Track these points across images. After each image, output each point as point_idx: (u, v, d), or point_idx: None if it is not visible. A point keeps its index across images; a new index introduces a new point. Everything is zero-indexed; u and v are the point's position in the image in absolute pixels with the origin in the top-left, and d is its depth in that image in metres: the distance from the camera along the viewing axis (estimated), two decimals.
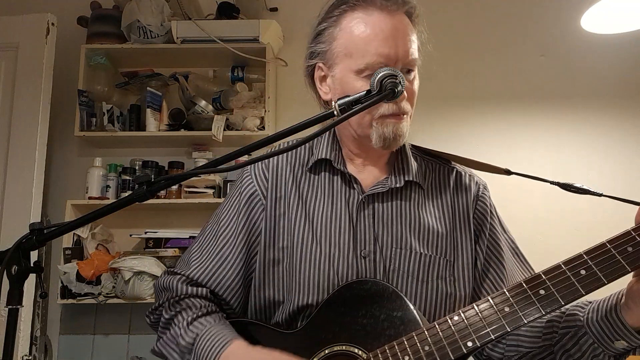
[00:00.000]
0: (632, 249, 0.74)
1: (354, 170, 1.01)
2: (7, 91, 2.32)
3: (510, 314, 0.77)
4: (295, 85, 2.62)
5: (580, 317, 0.84)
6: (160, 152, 2.57)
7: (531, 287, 0.78)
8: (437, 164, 1.06)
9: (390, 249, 0.94)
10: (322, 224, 0.97)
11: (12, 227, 2.17)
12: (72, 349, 2.44)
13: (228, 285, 0.98)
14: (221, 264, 0.99)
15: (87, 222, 0.98)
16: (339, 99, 0.81)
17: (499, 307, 0.78)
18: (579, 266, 0.76)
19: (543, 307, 0.76)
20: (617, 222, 2.89)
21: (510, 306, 0.77)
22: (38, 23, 2.32)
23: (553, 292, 0.76)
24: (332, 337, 0.88)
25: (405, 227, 0.96)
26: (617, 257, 0.74)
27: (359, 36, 0.92)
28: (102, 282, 2.27)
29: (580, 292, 0.75)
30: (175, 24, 2.41)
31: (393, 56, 0.90)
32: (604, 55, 2.55)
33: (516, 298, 0.78)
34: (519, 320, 0.76)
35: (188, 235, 2.34)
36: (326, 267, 0.94)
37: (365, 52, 0.90)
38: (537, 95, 2.58)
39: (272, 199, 1.00)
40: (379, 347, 0.83)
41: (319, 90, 1.02)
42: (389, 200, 0.98)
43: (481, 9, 2.67)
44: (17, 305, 0.79)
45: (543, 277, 0.78)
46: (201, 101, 2.43)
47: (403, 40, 0.91)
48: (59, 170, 2.59)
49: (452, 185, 1.03)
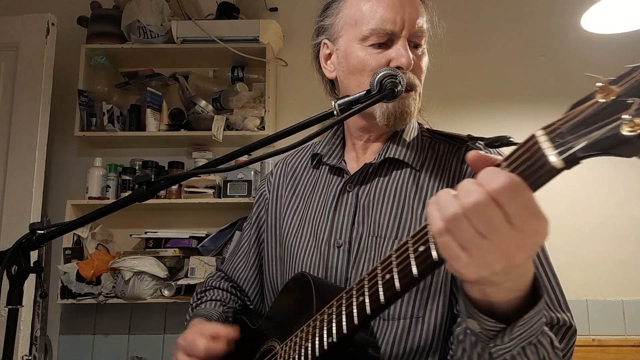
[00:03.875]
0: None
1: (354, 158, 0.99)
2: (7, 91, 2.31)
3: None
4: (295, 85, 2.62)
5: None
6: (160, 152, 2.58)
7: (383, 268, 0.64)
8: (448, 145, 0.96)
9: (367, 237, 0.89)
10: (307, 217, 0.98)
11: (12, 227, 2.17)
12: (72, 349, 2.44)
13: (246, 277, 1.09)
14: (241, 259, 1.11)
15: (87, 222, 0.98)
16: (339, 98, 0.80)
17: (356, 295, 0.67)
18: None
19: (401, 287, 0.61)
20: (617, 222, 2.90)
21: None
22: (38, 23, 2.32)
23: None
24: (270, 332, 0.91)
25: (387, 212, 0.89)
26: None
27: (365, 3, 0.90)
28: (102, 282, 2.27)
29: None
30: (175, 24, 2.41)
31: (399, 21, 0.87)
32: (604, 55, 2.55)
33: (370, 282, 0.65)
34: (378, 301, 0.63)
35: (188, 235, 2.34)
36: (301, 259, 0.94)
37: (371, 18, 0.88)
38: (537, 95, 2.58)
39: (274, 197, 1.07)
40: (288, 339, 0.81)
41: (324, 69, 1.00)
42: (372, 182, 0.93)
43: (481, 9, 2.67)
44: (17, 305, 0.79)
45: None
46: (201, 101, 2.44)
47: (410, 7, 0.88)
48: (59, 170, 2.59)
49: (456, 165, 0.92)
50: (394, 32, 0.87)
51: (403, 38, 0.88)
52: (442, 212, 0.51)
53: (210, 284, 1.13)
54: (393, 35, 0.88)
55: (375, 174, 0.94)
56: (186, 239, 2.33)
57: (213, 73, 2.63)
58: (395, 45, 0.88)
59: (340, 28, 0.94)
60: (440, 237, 0.52)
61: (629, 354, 2.25)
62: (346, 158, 1.00)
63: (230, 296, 1.10)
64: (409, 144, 0.95)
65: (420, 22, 0.90)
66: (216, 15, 2.49)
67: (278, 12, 2.63)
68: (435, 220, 0.52)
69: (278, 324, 0.91)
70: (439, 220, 0.51)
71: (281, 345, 0.84)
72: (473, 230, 0.49)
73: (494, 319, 0.59)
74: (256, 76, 2.53)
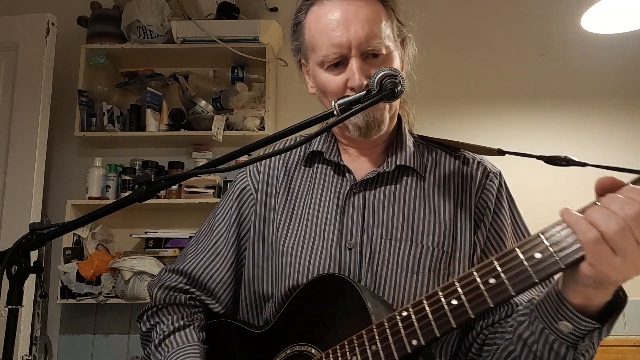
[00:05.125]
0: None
1: (349, 160, 0.99)
2: (7, 91, 2.31)
3: (457, 308, 0.68)
4: (295, 85, 2.61)
5: (534, 300, 0.76)
6: (160, 152, 2.58)
7: (482, 275, 0.68)
8: (444, 152, 1.01)
9: (380, 239, 0.90)
10: (309, 217, 0.96)
11: (12, 227, 2.17)
12: (72, 349, 2.44)
13: (220, 279, 0.99)
14: (214, 258, 1.00)
15: (87, 222, 0.98)
16: (339, 98, 0.80)
17: (448, 300, 0.69)
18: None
19: (492, 297, 0.66)
20: None
21: (458, 298, 0.69)
22: (38, 23, 2.32)
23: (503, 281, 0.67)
24: (294, 336, 0.87)
25: (397, 216, 0.92)
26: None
27: (316, 29, 0.91)
28: (102, 282, 2.28)
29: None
30: (175, 24, 2.41)
31: (345, 43, 0.87)
32: (604, 55, 2.55)
33: (465, 288, 0.69)
34: (465, 314, 0.68)
35: (188, 235, 2.34)
36: (307, 260, 0.92)
37: (321, 44, 0.89)
38: (537, 95, 2.58)
39: (263, 194, 1.01)
40: (332, 346, 0.80)
41: (307, 84, 1.01)
42: (381, 187, 0.95)
43: (481, 9, 2.67)
44: (17, 305, 0.79)
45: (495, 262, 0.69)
46: (201, 101, 2.44)
47: (358, 25, 0.87)
48: (59, 170, 2.59)
49: (457, 173, 0.97)
50: (342, 54, 0.88)
51: (354, 57, 0.88)
52: (598, 223, 0.60)
53: (161, 302, 0.98)
54: (343, 57, 0.88)
55: (384, 179, 0.96)
56: (186, 239, 2.33)
57: (213, 73, 2.63)
58: (349, 66, 0.89)
59: (306, 51, 0.96)
60: (596, 245, 0.60)
61: (629, 354, 2.25)
62: (343, 157, 1.00)
63: (186, 312, 0.99)
64: (413, 151, 0.98)
65: (372, 33, 0.88)
66: (216, 15, 2.49)
67: (278, 12, 2.63)
68: (589, 230, 0.60)
69: (307, 328, 0.86)
70: (593, 230, 0.60)
71: (326, 352, 0.80)
72: (633, 238, 0.59)
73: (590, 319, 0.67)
74: (256, 76, 2.53)
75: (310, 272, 0.91)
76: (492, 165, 1.00)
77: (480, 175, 0.97)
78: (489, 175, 0.97)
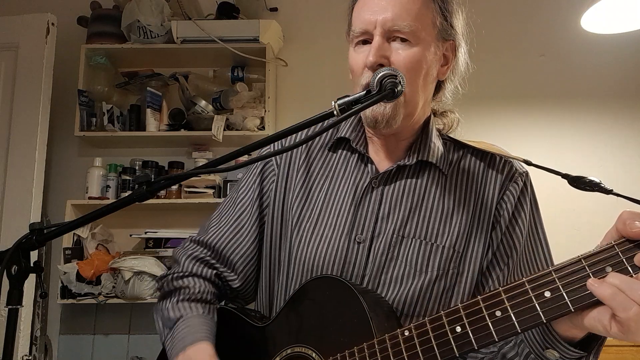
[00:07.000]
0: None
1: (373, 151, 0.98)
2: (7, 91, 2.31)
3: (461, 336, 0.69)
4: (295, 85, 2.62)
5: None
6: (160, 152, 2.58)
7: (487, 305, 0.68)
8: (471, 152, 0.98)
9: (391, 235, 0.89)
10: (324, 204, 0.95)
11: (12, 227, 2.17)
12: (72, 349, 2.44)
13: (243, 252, 0.99)
14: (237, 231, 1.00)
15: (87, 222, 0.98)
16: (339, 98, 0.80)
17: (451, 328, 0.70)
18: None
19: (497, 332, 0.67)
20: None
21: (462, 326, 0.69)
22: (38, 23, 2.32)
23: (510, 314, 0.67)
24: (294, 337, 0.87)
25: (413, 212, 0.91)
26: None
27: (357, 8, 0.93)
28: (102, 282, 2.28)
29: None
30: (175, 24, 2.41)
31: (372, 20, 0.87)
32: (604, 55, 2.55)
33: (470, 318, 0.69)
34: (469, 344, 0.68)
35: (188, 235, 2.33)
36: (313, 249, 0.91)
37: (355, 21, 0.92)
38: (537, 95, 2.58)
39: (283, 172, 1.00)
40: (333, 354, 0.80)
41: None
42: (400, 181, 0.93)
43: (481, 9, 2.67)
44: (17, 305, 0.79)
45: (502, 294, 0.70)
46: (201, 101, 2.44)
47: (389, 5, 0.87)
48: (59, 170, 2.59)
49: (481, 172, 0.95)
50: (367, 31, 0.89)
51: (377, 36, 0.88)
52: (637, 298, 0.59)
53: (190, 270, 0.98)
54: (368, 34, 0.89)
55: (404, 173, 0.95)
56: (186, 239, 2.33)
57: (213, 73, 2.63)
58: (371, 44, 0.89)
59: (348, 31, 0.96)
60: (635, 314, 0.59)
61: (629, 354, 2.25)
62: (369, 147, 0.99)
63: (212, 289, 0.98)
64: (438, 147, 0.97)
65: (400, 14, 0.87)
66: (216, 15, 2.49)
67: (278, 12, 2.63)
68: (629, 306, 0.59)
69: (308, 331, 0.86)
70: (634, 306, 0.59)
71: (327, 359, 0.81)
72: None
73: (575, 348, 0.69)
74: (256, 76, 2.53)
75: (315, 262, 0.91)
76: (520, 165, 0.96)
77: (505, 175, 0.94)
78: (514, 176, 0.94)
